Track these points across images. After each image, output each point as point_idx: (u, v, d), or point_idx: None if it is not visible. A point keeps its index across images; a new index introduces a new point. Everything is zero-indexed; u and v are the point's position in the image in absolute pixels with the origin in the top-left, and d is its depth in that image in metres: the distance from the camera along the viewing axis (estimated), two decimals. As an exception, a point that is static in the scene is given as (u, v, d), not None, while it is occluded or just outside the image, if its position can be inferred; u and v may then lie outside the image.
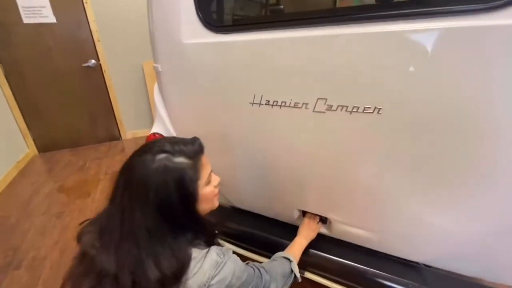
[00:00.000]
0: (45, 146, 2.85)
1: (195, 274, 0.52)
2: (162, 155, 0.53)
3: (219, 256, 0.56)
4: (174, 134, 1.11)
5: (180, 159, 0.54)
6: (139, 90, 3.00)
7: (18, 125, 2.63)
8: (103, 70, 2.78)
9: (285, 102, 0.73)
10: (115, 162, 2.56)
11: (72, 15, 2.54)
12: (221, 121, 0.92)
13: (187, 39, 0.83)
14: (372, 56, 0.58)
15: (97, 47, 2.68)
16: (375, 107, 0.61)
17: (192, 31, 0.82)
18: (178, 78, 0.95)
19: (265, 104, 0.77)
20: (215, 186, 0.63)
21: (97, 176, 2.32)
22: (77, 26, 2.58)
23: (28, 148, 2.74)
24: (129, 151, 0.93)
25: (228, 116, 0.90)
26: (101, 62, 2.74)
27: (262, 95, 0.77)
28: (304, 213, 1.01)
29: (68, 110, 2.81)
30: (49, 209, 1.89)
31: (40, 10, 2.42)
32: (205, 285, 0.52)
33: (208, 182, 0.60)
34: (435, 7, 0.53)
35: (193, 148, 0.57)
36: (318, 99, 0.68)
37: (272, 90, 0.75)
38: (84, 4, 2.52)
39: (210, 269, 0.54)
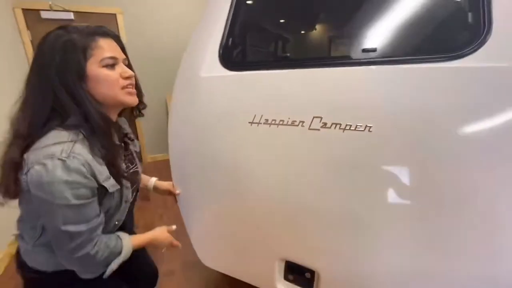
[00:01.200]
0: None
1: (35, 149, 0.53)
2: (60, 31, 0.58)
3: (62, 154, 0.52)
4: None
5: (74, 35, 0.57)
6: (161, 119, 3.38)
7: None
8: (133, 102, 3.21)
9: (283, 121, 0.80)
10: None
11: (112, 56, 3.03)
12: (220, 139, 0.94)
13: (205, 74, 0.99)
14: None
15: (129, 82, 3.14)
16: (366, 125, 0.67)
17: (211, 68, 0.99)
18: (189, 103, 1.04)
19: (264, 123, 0.84)
20: (123, 76, 0.61)
21: None
22: (115, 66, 3.06)
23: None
24: (149, 173, 1.04)
25: (227, 134, 0.93)
26: (132, 95, 3.18)
27: (262, 115, 0.83)
28: (287, 270, 0.90)
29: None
30: None
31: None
32: (30, 164, 0.52)
33: (107, 67, 0.59)
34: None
35: (90, 29, 0.59)
36: (313, 117, 0.74)
37: (271, 111, 0.83)
38: (123, 48, 3.02)
39: (44, 156, 0.52)
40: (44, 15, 2.59)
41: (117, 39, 0.65)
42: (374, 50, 0.77)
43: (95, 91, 0.59)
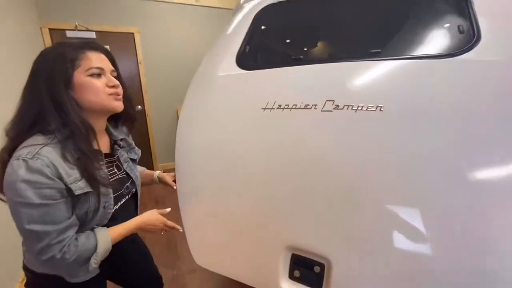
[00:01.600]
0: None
1: (15, 153, 0.57)
2: (55, 44, 0.65)
3: (27, 155, 0.54)
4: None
5: (66, 48, 0.63)
6: (173, 129, 3.49)
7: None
8: (146, 114, 3.33)
9: (296, 105, 0.83)
10: (153, 189, 2.78)
11: (129, 72, 3.16)
12: (232, 125, 0.96)
13: (222, 73, 1.08)
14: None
15: (144, 96, 3.26)
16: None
17: (228, 69, 1.07)
18: (204, 96, 1.10)
19: (277, 108, 0.86)
20: (108, 85, 0.66)
21: (143, 200, 2.41)
22: (132, 80, 3.18)
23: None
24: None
25: (240, 120, 0.95)
26: (145, 107, 3.30)
27: (275, 101, 0.87)
28: (293, 266, 0.79)
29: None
30: None
31: (105, 69, 3.10)
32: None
33: (94, 76, 0.63)
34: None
35: (81, 43, 0.65)
36: (326, 100, 0.78)
37: (283, 98, 0.87)
38: (139, 64, 3.21)
39: (13, 158, 0.56)
40: (69, 34, 2.80)
41: (107, 53, 0.70)
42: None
43: (82, 98, 0.62)
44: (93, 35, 2.90)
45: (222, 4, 3.50)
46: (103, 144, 0.74)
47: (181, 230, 0.85)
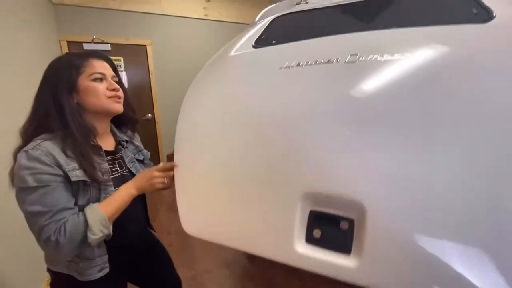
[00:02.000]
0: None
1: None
2: (63, 55, 0.74)
3: (28, 147, 0.61)
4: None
5: (72, 57, 0.71)
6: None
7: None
8: (156, 122, 3.36)
9: (317, 61, 0.79)
10: (162, 195, 2.83)
11: (140, 82, 3.25)
12: (247, 86, 0.90)
13: (235, 53, 1.08)
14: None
15: (154, 105, 3.33)
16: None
17: (241, 49, 1.09)
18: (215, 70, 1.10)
19: (296, 66, 0.82)
20: (109, 88, 0.72)
21: (155, 206, 2.66)
22: (142, 90, 3.27)
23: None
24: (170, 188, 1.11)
25: (256, 80, 0.90)
26: (155, 116, 3.36)
27: (294, 61, 0.82)
28: (312, 225, 0.59)
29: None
30: None
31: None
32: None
33: (96, 80, 0.69)
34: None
35: (86, 53, 0.74)
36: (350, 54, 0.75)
37: (303, 58, 0.84)
38: (150, 75, 3.31)
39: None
40: (86, 46, 2.94)
41: (109, 60, 0.78)
42: None
43: (86, 101, 0.69)
44: (108, 47, 3.04)
45: (229, 18, 3.67)
46: (107, 144, 0.80)
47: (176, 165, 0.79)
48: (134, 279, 0.95)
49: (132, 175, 0.83)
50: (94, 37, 2.94)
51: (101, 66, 0.72)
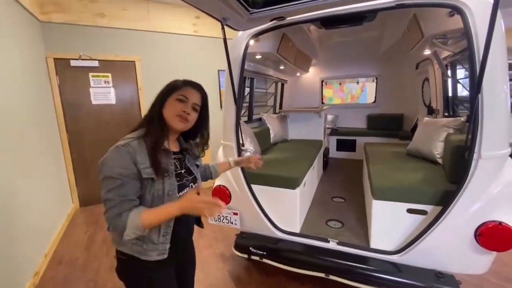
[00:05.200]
0: (86, 200, 3.25)
1: None
2: (173, 80, 0.91)
3: (120, 143, 0.78)
4: (235, 186, 1.68)
5: (177, 82, 0.90)
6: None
7: (69, 183, 3.11)
8: (145, 138, 3.45)
9: None
10: None
11: (129, 97, 3.30)
12: None
13: None
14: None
15: (142, 120, 3.41)
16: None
17: None
18: None
19: None
20: (182, 110, 0.86)
21: None
22: (131, 105, 3.32)
23: (73, 203, 3.17)
24: None
25: None
26: (144, 131, 3.44)
27: None
28: None
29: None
30: (109, 251, 2.20)
31: (106, 95, 3.19)
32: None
33: (178, 100, 0.86)
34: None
35: (187, 81, 0.91)
36: None
37: None
38: (139, 91, 3.34)
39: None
40: (73, 63, 2.92)
41: (203, 93, 0.94)
42: None
43: (164, 112, 0.86)
44: (96, 63, 3.03)
45: (219, 34, 3.74)
46: (175, 147, 0.96)
47: (224, 207, 0.78)
48: (179, 276, 1.03)
49: (191, 173, 0.98)
50: (81, 54, 2.91)
51: (190, 93, 0.88)
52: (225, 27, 1.44)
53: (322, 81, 4.36)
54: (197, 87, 0.93)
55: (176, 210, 0.77)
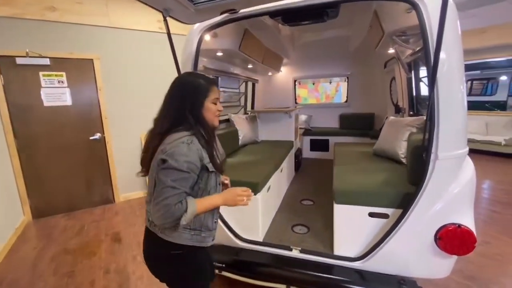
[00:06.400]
0: (40, 212, 2.96)
1: (168, 140, 0.84)
2: (190, 77, 0.96)
3: (187, 140, 0.83)
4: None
5: (201, 80, 0.93)
6: (135, 157, 3.41)
7: (19, 194, 2.81)
8: (106, 142, 3.18)
9: None
10: (114, 223, 2.68)
11: (87, 98, 3.05)
12: None
13: None
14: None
15: (103, 123, 3.13)
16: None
17: None
18: None
19: None
20: (218, 110, 0.95)
21: (99, 237, 2.45)
22: (90, 107, 3.06)
23: (24, 215, 2.87)
24: (123, 213, 1.04)
25: None
26: (105, 135, 3.16)
27: None
28: None
29: (68, 178, 3.05)
30: (58, 269, 1.98)
31: (60, 96, 2.93)
32: (167, 146, 0.82)
33: (213, 103, 0.93)
34: None
35: (208, 79, 0.96)
36: None
37: None
38: (98, 91, 3.10)
39: (177, 141, 0.82)
40: (19, 61, 2.64)
41: (218, 85, 0.98)
42: None
43: (205, 115, 0.92)
44: (47, 61, 2.77)
45: (186, 31, 3.58)
46: None
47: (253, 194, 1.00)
48: None
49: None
50: (28, 50, 2.64)
51: (217, 93, 0.95)
52: (170, 19, 1.29)
53: (295, 81, 4.31)
54: (216, 83, 1.04)
55: (220, 200, 0.91)
